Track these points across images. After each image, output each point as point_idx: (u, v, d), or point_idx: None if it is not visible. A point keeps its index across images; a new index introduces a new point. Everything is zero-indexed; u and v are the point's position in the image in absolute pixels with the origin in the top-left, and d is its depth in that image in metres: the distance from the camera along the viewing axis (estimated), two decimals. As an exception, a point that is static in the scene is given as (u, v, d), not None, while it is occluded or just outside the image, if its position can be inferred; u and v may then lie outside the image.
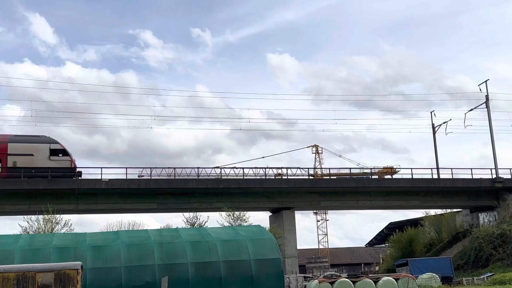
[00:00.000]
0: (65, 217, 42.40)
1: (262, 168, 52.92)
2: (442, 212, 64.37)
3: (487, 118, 59.60)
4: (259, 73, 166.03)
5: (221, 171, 51.39)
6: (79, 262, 15.45)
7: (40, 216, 40.49)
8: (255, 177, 51.70)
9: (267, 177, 52.23)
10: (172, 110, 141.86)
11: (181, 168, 50.76)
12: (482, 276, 42.47)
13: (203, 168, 51.21)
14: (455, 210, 64.04)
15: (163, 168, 50.96)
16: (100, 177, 47.38)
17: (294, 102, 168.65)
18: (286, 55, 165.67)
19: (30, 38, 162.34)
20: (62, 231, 40.14)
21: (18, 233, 38.25)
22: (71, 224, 41.89)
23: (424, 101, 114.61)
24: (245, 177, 51.21)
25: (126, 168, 49.25)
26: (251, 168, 53.57)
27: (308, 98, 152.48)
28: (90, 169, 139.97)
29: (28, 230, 39.94)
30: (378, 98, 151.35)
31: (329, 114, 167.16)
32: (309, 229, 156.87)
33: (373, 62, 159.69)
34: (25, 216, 42.06)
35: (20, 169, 46.34)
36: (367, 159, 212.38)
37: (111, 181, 47.22)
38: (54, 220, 40.50)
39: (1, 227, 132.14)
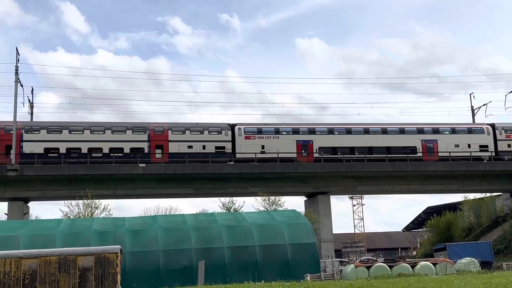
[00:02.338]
0: (104, 202, 43.41)
1: (296, 152, 52.41)
2: (482, 196, 63.00)
3: (529, 99, 57.86)
4: (289, 58, 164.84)
5: (255, 156, 51.15)
6: (119, 246, 15.75)
7: (80, 201, 41.44)
8: (290, 162, 51.43)
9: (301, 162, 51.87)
10: (204, 96, 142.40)
11: (215, 152, 50.73)
12: (523, 261, 41.46)
13: (237, 153, 51.13)
14: (495, 194, 62.60)
15: (197, 153, 50.90)
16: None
17: (326, 86, 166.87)
18: (316, 39, 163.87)
19: (62, 27, 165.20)
20: (102, 215, 41.04)
21: (59, 217, 39.28)
22: (110, 209, 42.91)
23: (459, 83, 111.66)
24: (280, 162, 51.08)
25: (162, 153, 49.57)
26: (286, 152, 52.78)
27: (340, 82, 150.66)
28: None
29: (69, 214, 40.97)
30: (411, 81, 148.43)
31: (361, 98, 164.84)
32: (345, 214, 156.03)
33: (405, 45, 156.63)
34: (66, 201, 43.25)
35: None
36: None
37: (147, 166, 47.89)
38: (93, 205, 41.42)
39: (43, 212, 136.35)
